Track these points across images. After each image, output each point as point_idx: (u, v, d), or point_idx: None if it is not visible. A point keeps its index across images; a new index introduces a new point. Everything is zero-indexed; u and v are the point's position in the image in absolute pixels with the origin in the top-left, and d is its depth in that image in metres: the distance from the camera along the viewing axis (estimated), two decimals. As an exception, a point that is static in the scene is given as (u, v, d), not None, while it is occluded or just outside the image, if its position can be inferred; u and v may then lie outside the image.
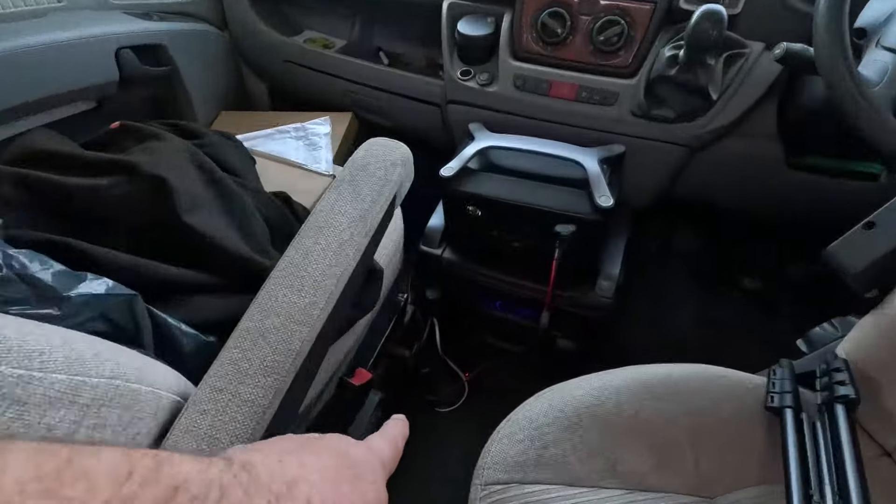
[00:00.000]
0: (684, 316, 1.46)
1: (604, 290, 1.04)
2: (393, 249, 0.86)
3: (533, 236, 1.01)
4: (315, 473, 0.29)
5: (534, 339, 1.20)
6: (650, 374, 0.71)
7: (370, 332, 0.90)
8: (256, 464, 0.27)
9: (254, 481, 0.26)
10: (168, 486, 0.22)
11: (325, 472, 0.30)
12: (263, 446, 0.31)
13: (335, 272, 0.52)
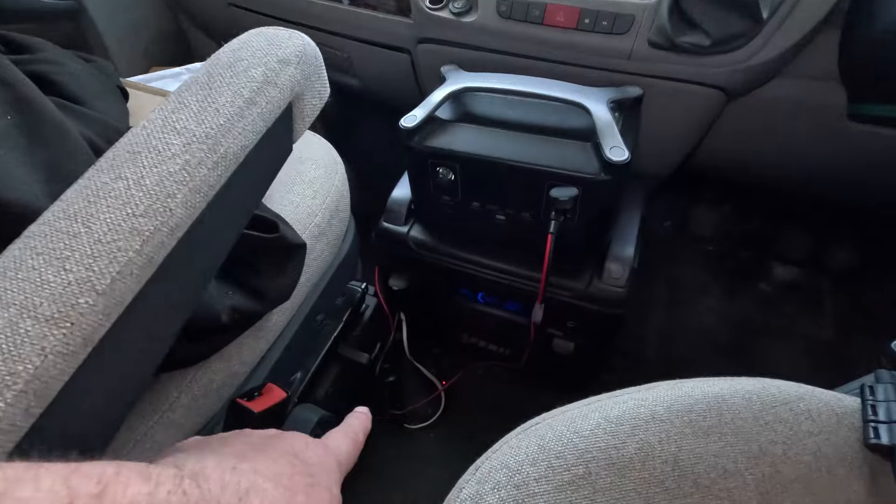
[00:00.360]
0: (705, 313, 1.22)
1: (614, 277, 0.80)
2: (327, 214, 0.62)
3: (522, 206, 0.78)
4: (269, 482, 0.29)
5: (525, 340, 0.96)
6: (689, 396, 0.47)
7: (301, 331, 0.66)
8: (209, 475, 0.26)
9: (203, 497, 0.25)
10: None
11: (279, 479, 0.29)
12: (219, 447, 0.31)
13: (144, 228, 0.28)
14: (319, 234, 0.61)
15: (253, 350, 0.54)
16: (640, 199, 0.90)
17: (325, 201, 0.62)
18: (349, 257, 0.76)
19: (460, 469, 1.12)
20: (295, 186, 0.61)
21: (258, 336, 0.54)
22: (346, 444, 0.37)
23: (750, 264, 1.30)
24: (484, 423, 1.02)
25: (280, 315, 0.58)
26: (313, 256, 0.61)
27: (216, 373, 0.50)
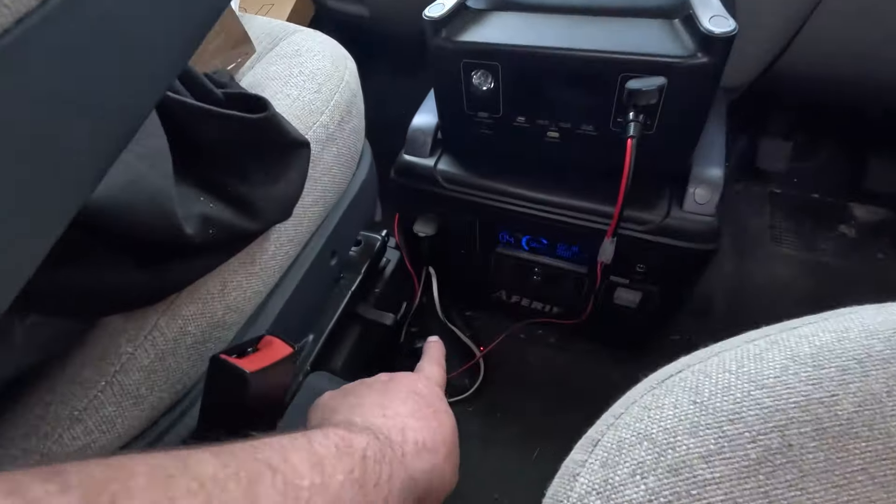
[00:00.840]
0: (778, 261, 1.05)
1: (700, 203, 0.64)
2: (335, 116, 0.46)
3: (583, 115, 0.61)
4: (410, 418, 0.33)
5: (578, 292, 0.80)
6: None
7: (312, 277, 0.51)
8: (378, 424, 0.31)
9: (388, 443, 0.30)
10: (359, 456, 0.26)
11: (415, 414, 0.34)
12: (354, 399, 0.36)
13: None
14: (327, 140, 0.45)
15: (244, 291, 0.39)
16: (723, 111, 0.73)
17: (332, 98, 0.46)
18: (367, 186, 0.60)
19: (507, 448, 0.93)
20: (292, 79, 0.45)
21: (251, 272, 0.39)
22: (437, 371, 0.43)
23: (828, 204, 1.12)
24: (529, 394, 0.87)
25: (281, 247, 0.42)
26: (321, 169, 0.45)
27: (189, 320, 0.35)
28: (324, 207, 0.49)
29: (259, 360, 0.36)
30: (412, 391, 0.36)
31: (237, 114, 0.33)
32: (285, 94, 0.43)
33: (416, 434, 0.32)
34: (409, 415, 0.33)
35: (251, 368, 0.34)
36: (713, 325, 0.96)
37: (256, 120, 0.33)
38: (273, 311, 0.47)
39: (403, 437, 0.31)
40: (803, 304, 0.98)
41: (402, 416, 0.33)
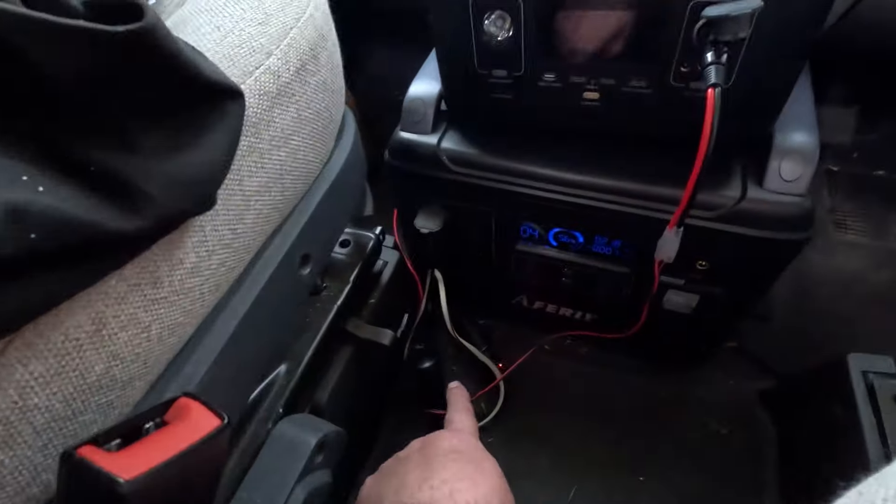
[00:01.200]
0: (847, 251, 0.89)
1: (788, 180, 0.49)
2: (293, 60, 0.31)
3: (634, 66, 0.46)
4: (456, 482, 0.33)
5: (620, 297, 0.65)
6: None
7: (275, 290, 0.36)
8: (430, 502, 0.32)
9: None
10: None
11: (458, 475, 0.34)
12: (400, 477, 0.36)
13: None
14: (280, 94, 0.30)
15: (144, 329, 0.25)
16: (807, 64, 0.58)
17: (286, 34, 0.31)
18: (350, 170, 0.45)
19: (537, 485, 0.77)
20: (228, 8, 0.31)
21: (154, 297, 0.25)
22: (468, 420, 0.45)
23: (895, 183, 0.96)
24: (560, 419, 0.73)
25: (210, 255, 0.28)
26: (272, 137, 0.30)
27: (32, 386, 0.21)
28: (283, 196, 0.34)
29: (157, 448, 0.22)
30: (451, 451, 0.37)
31: (87, 25, 0.18)
32: (214, 27, 0.29)
33: (465, 496, 0.32)
34: (454, 478, 0.34)
35: (131, 473, 0.20)
36: (774, 330, 0.80)
37: (119, 35, 0.19)
38: (212, 349, 0.32)
39: (454, 502, 0.32)
40: (880, 301, 0.83)
41: (448, 482, 0.33)
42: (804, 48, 0.42)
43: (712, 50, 0.38)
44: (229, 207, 0.28)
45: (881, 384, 0.52)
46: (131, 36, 0.19)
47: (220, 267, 0.29)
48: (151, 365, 0.26)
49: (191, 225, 0.26)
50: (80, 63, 0.19)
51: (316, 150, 0.38)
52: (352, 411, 0.61)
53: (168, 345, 0.27)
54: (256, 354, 0.38)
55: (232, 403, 0.37)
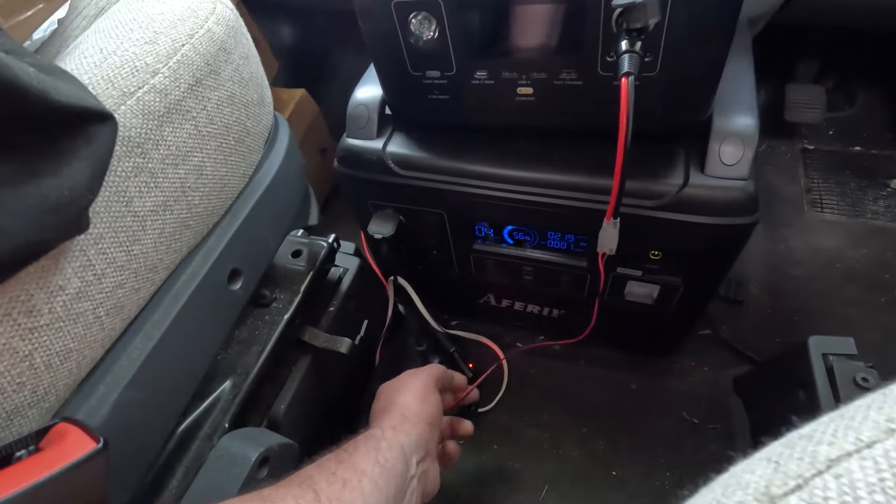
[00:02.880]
0: (819, 228, 0.88)
1: (728, 164, 0.48)
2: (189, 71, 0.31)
3: (561, 59, 0.45)
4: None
5: (581, 290, 0.65)
6: None
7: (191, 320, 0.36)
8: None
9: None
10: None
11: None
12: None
13: None
14: (169, 112, 0.30)
15: (24, 360, 0.24)
16: (748, 44, 0.57)
17: (176, 51, 0.31)
18: (283, 180, 0.45)
19: (510, 488, 0.77)
20: (115, 30, 0.30)
21: (30, 326, 0.24)
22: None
23: (873, 157, 0.95)
24: (532, 417, 0.72)
25: (98, 279, 0.28)
26: (163, 156, 0.30)
27: None
28: (191, 213, 0.34)
29: (22, 474, 0.22)
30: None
31: None
32: (97, 49, 0.29)
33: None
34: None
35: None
36: (749, 315, 0.79)
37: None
38: (126, 371, 0.32)
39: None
40: (859, 279, 0.82)
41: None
42: (726, 31, 0.41)
43: (626, 38, 0.38)
44: (118, 230, 0.28)
45: (841, 366, 0.51)
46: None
47: (118, 289, 0.29)
48: (44, 392, 0.26)
49: (68, 250, 0.26)
50: None
51: (230, 165, 0.37)
52: (315, 421, 0.60)
53: (63, 371, 0.27)
54: (184, 372, 0.38)
55: (159, 423, 0.37)
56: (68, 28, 0.36)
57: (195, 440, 0.45)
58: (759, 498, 0.14)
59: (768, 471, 0.15)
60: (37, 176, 0.22)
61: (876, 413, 0.15)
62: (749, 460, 0.17)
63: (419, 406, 0.52)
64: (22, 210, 0.21)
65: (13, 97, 0.21)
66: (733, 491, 0.15)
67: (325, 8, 1.02)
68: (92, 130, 0.24)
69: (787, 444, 0.16)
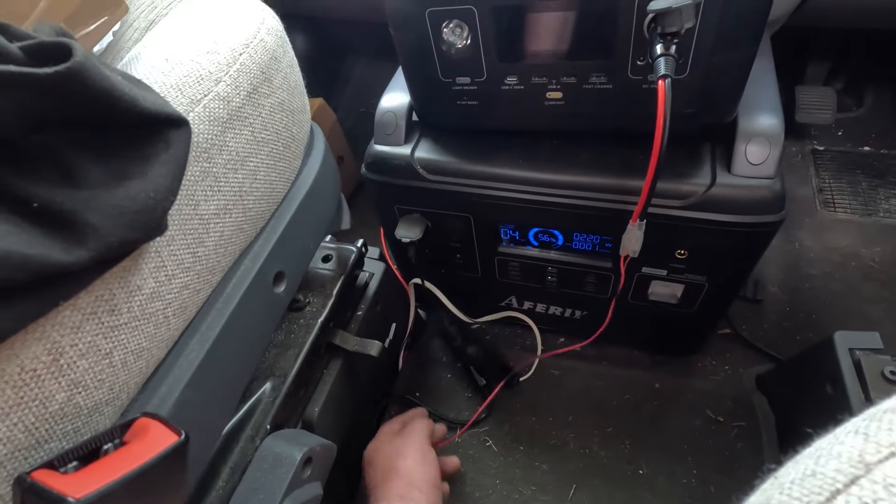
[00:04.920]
0: (836, 229, 0.89)
1: (754, 163, 0.49)
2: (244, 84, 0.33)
3: (593, 63, 0.47)
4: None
5: (608, 292, 0.66)
6: None
7: (241, 321, 0.37)
8: None
9: None
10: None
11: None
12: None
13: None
14: (231, 119, 0.31)
15: (105, 356, 0.25)
16: (768, 47, 0.58)
17: (235, 60, 0.32)
18: (320, 186, 0.46)
19: (536, 488, 0.77)
20: (177, 40, 0.32)
21: (112, 324, 0.25)
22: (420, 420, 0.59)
23: (883, 156, 0.96)
24: (558, 418, 0.73)
25: (170, 280, 0.29)
26: (226, 161, 0.31)
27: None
28: (245, 217, 0.35)
29: (113, 467, 0.22)
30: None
31: (16, 70, 0.19)
32: (163, 59, 0.30)
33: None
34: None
35: (82, 492, 0.20)
36: (768, 313, 0.80)
37: (49, 76, 0.19)
38: (186, 370, 0.33)
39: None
40: (875, 277, 0.83)
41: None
42: (755, 34, 0.42)
43: (661, 42, 0.39)
44: (186, 232, 0.29)
45: (868, 360, 0.52)
46: (60, 76, 0.20)
47: (184, 290, 0.30)
48: (119, 390, 0.27)
49: (146, 251, 0.27)
50: (15, 105, 0.20)
51: (278, 170, 0.39)
52: (345, 423, 0.61)
53: (135, 369, 0.28)
54: (234, 373, 0.39)
55: (212, 422, 0.38)
56: (120, 40, 0.38)
57: (239, 441, 0.45)
58: (855, 465, 0.15)
59: (858, 441, 0.16)
60: (126, 178, 0.23)
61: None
62: (833, 435, 0.17)
63: (422, 470, 0.52)
64: (114, 211, 0.22)
65: (109, 104, 0.22)
66: (826, 461, 0.16)
67: (338, 17, 1.04)
68: (171, 135, 0.25)
69: (872, 418, 0.17)
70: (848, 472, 0.15)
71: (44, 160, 0.21)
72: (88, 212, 0.22)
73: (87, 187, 0.22)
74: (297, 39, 1.26)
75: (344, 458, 0.56)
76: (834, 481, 0.15)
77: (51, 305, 0.22)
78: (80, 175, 0.22)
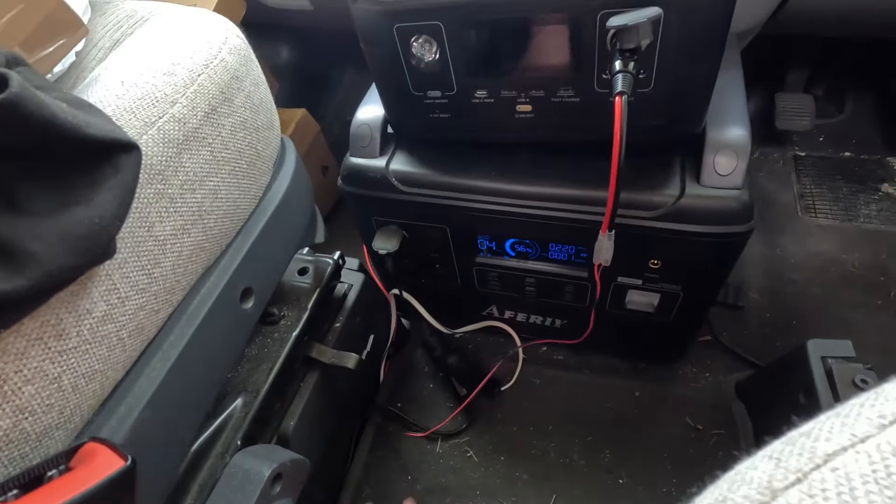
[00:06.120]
0: (816, 233, 0.89)
1: (722, 174, 0.49)
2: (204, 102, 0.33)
3: (559, 78, 0.47)
4: None
5: (584, 300, 0.66)
6: None
7: (205, 339, 0.37)
8: None
9: None
10: None
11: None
12: None
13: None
14: (187, 140, 0.31)
15: (53, 381, 0.25)
16: (737, 58, 0.59)
17: (193, 81, 0.32)
18: (291, 200, 0.46)
19: (517, 498, 0.77)
20: (136, 63, 0.32)
21: (59, 349, 0.25)
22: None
23: (864, 162, 0.97)
24: (539, 427, 0.73)
25: (123, 302, 0.29)
26: (182, 182, 0.31)
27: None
28: (206, 236, 0.35)
29: (55, 494, 0.22)
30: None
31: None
32: (118, 82, 0.30)
33: None
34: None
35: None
36: (749, 320, 0.80)
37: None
38: (145, 391, 0.33)
39: None
40: (854, 283, 0.83)
41: None
42: (716, 47, 0.43)
43: (619, 58, 0.39)
44: (140, 254, 0.29)
45: (840, 368, 0.52)
46: (11, 112, 0.20)
47: (139, 311, 0.30)
48: (70, 414, 0.27)
49: (95, 275, 0.27)
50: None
51: (243, 187, 0.39)
52: (323, 436, 0.61)
53: (87, 392, 0.28)
54: (200, 391, 0.39)
55: (176, 441, 0.38)
56: (84, 60, 0.38)
57: (208, 458, 0.45)
58: (762, 492, 0.15)
59: (770, 466, 0.16)
60: (70, 205, 0.23)
61: (868, 410, 0.16)
62: (752, 458, 0.18)
63: None
64: (56, 238, 0.23)
65: (50, 132, 0.22)
66: (738, 486, 0.16)
67: (322, 28, 1.05)
68: (119, 160, 0.25)
69: (788, 442, 0.17)
70: (755, 498, 0.15)
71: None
72: (29, 240, 0.22)
73: (28, 214, 0.22)
74: (284, 50, 1.27)
75: (322, 472, 0.55)
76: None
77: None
78: (22, 202, 0.22)
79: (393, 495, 0.69)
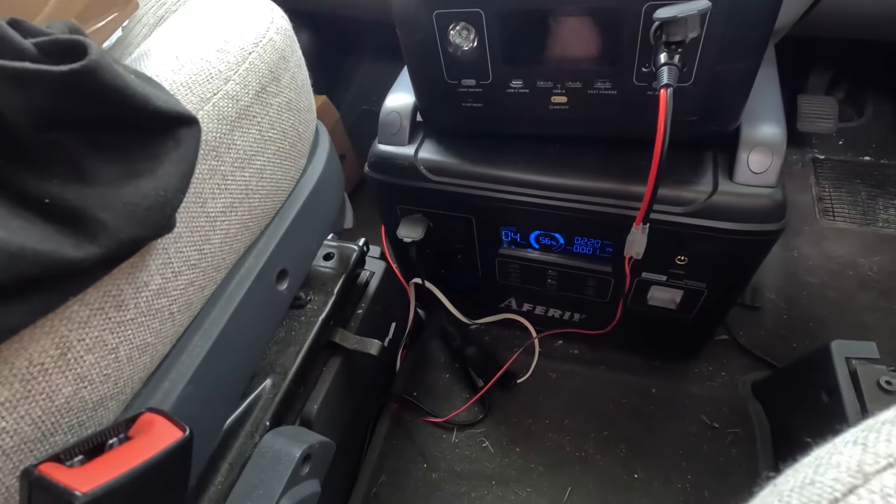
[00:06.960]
0: (833, 237, 0.89)
1: (756, 172, 0.49)
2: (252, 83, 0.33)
3: (596, 69, 0.47)
4: None
5: (604, 295, 0.66)
6: None
7: (244, 318, 0.37)
8: None
9: None
10: None
11: None
12: None
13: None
14: (240, 118, 0.32)
15: (111, 351, 0.26)
16: (773, 56, 0.59)
17: (244, 59, 0.32)
18: (325, 185, 0.46)
19: (531, 490, 0.77)
20: (187, 39, 0.32)
21: (119, 320, 0.26)
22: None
23: (883, 167, 0.97)
24: (554, 420, 0.73)
25: (176, 276, 0.29)
26: (234, 160, 0.31)
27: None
28: (251, 214, 0.35)
29: (118, 461, 0.23)
30: None
31: (31, 67, 0.19)
32: (173, 57, 0.30)
33: None
34: None
35: (88, 486, 0.21)
36: (765, 320, 0.81)
37: (64, 74, 0.20)
38: (188, 366, 0.33)
39: None
40: (873, 286, 0.83)
41: None
42: (759, 44, 0.42)
43: (665, 51, 0.39)
44: (193, 229, 0.29)
45: (864, 370, 0.52)
46: (73, 74, 0.20)
47: (189, 286, 0.30)
48: (123, 385, 0.27)
49: (153, 248, 0.27)
50: (29, 102, 0.20)
51: (284, 168, 0.39)
52: (343, 421, 0.61)
53: (140, 365, 0.28)
54: (236, 369, 0.39)
55: (213, 418, 0.38)
56: (129, 35, 0.38)
57: (238, 437, 0.46)
58: (854, 475, 0.15)
59: (857, 451, 0.16)
60: (137, 176, 0.23)
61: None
62: (832, 445, 0.18)
63: None
64: (125, 208, 0.23)
65: (123, 103, 0.22)
66: (825, 470, 0.16)
67: (343, 14, 1.04)
68: (180, 134, 0.25)
69: (870, 429, 0.17)
70: (846, 481, 0.15)
71: (56, 157, 0.21)
72: (99, 209, 0.22)
73: (98, 185, 0.22)
74: (301, 36, 1.26)
75: (341, 456, 0.56)
76: (832, 490, 0.15)
77: (61, 301, 0.22)
78: (91, 172, 0.22)
79: (408, 483, 0.69)
